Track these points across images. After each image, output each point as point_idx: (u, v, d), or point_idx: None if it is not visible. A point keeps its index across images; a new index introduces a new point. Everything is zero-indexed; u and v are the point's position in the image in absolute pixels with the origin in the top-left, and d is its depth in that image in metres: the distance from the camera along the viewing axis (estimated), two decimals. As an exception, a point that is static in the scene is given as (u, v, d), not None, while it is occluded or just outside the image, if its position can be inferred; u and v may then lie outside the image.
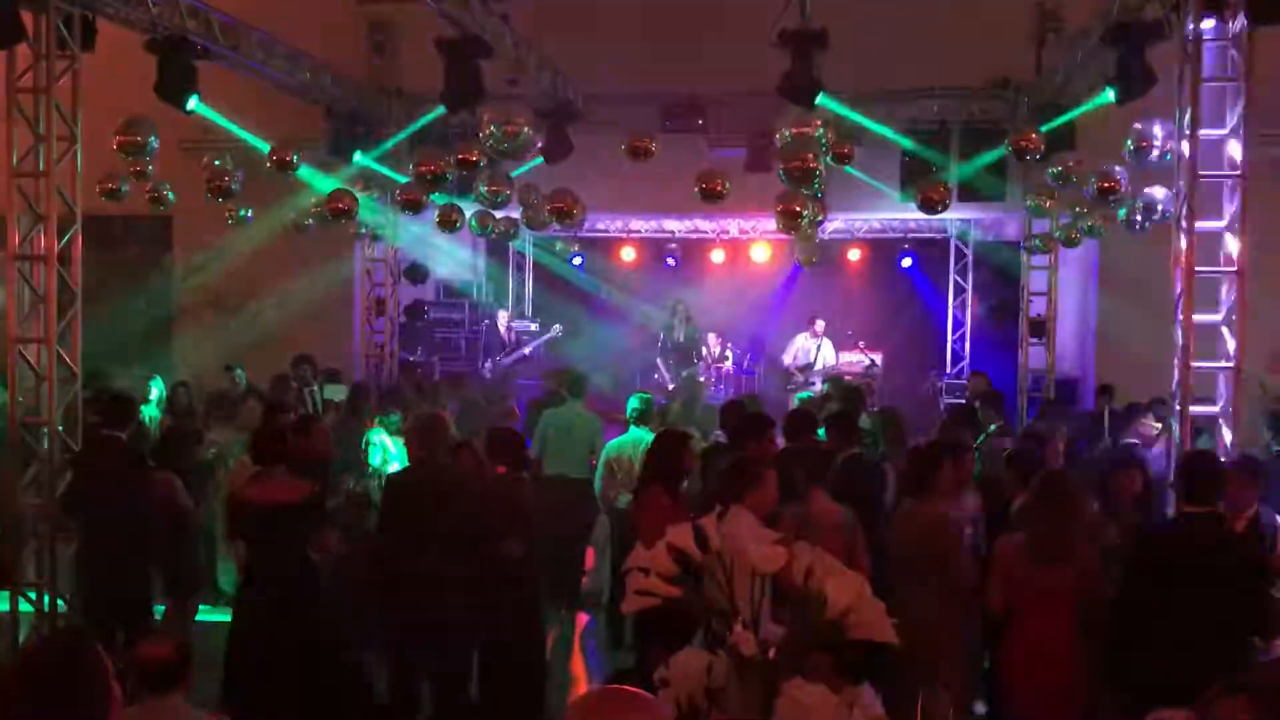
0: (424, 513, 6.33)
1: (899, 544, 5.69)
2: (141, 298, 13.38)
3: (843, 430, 7.27)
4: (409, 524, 6.37)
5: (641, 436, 8.47)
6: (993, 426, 8.86)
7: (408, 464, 7.02)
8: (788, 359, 14.53)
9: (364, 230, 13.31)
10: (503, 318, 15.39)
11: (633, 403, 9.13)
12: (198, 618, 7.98)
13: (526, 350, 14.94)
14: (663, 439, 6.70)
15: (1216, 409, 7.07)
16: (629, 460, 8.48)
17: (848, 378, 12.85)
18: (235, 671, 6.10)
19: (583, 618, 9.73)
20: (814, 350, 14.40)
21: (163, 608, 7.76)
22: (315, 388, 11.30)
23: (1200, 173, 6.90)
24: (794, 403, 11.66)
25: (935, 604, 5.37)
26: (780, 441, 6.95)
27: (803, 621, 3.06)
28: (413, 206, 10.91)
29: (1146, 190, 10.17)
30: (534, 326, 15.84)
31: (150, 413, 10.16)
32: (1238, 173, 6.93)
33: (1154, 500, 6.63)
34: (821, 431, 7.38)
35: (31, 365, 7.66)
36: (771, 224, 12.99)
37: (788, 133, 9.47)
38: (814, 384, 13.52)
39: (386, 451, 8.76)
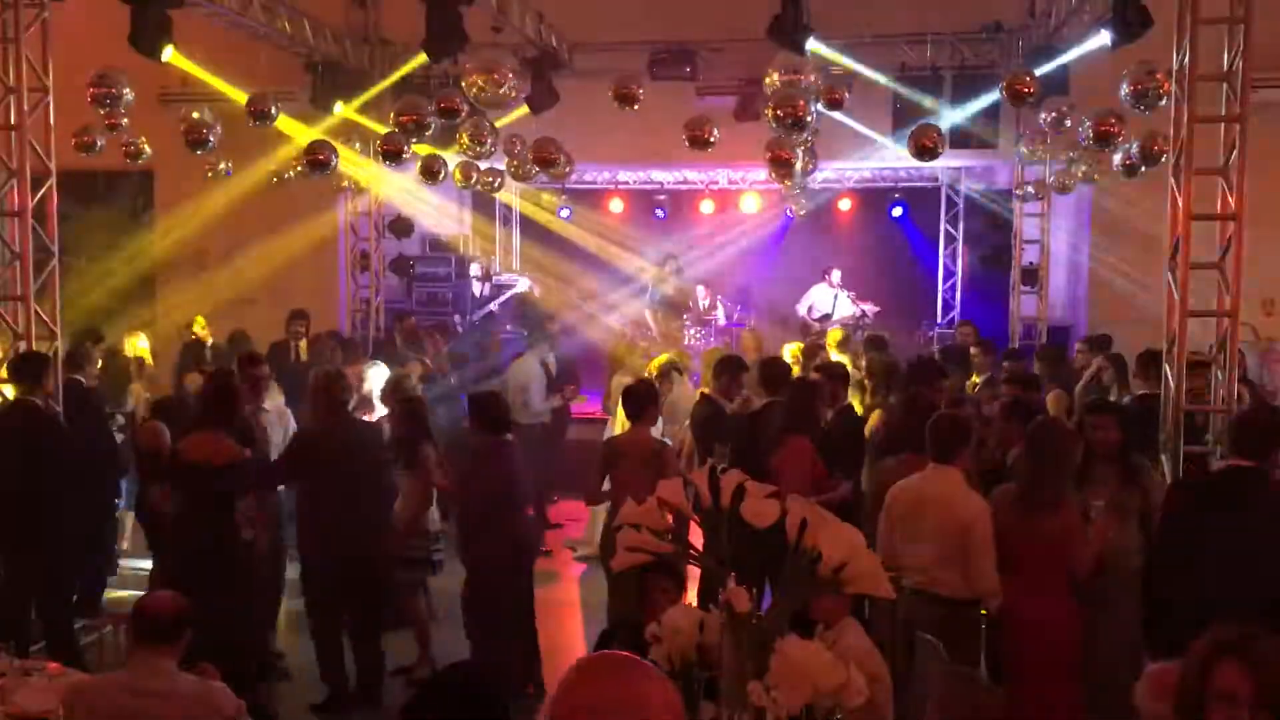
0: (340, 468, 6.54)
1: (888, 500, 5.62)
2: (122, 253, 13.20)
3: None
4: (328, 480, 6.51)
5: None
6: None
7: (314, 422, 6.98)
8: (802, 309, 14.46)
9: (347, 183, 13.13)
10: (476, 271, 15.23)
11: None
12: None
13: (494, 306, 14.83)
14: (795, 390, 6.87)
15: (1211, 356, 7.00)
16: None
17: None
18: None
19: (577, 568, 9.77)
20: (831, 302, 14.34)
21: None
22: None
23: (1198, 117, 6.77)
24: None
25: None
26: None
27: (798, 576, 3.00)
28: (394, 157, 10.72)
29: (1142, 135, 10.03)
30: (520, 280, 15.71)
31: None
32: (1236, 117, 6.79)
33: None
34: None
35: (10, 324, 7.53)
36: (761, 174, 12.85)
37: (777, 79, 9.28)
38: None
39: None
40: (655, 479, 3.02)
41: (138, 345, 10.80)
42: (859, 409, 8.02)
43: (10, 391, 7.19)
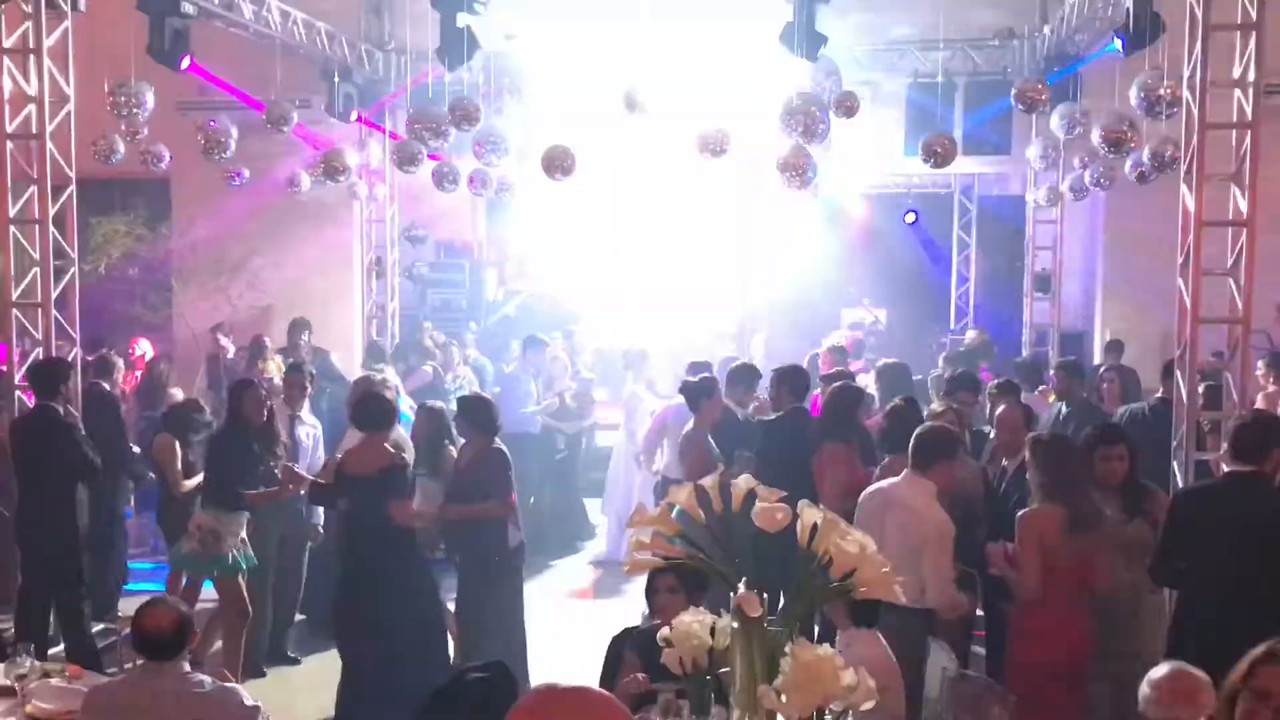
0: None
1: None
2: (140, 260, 13.28)
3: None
4: None
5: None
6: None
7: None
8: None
9: (362, 190, 13.19)
10: (490, 277, 15.29)
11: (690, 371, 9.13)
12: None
13: (508, 310, 14.90)
14: (835, 396, 7.03)
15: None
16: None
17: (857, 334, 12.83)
18: None
19: (591, 574, 9.80)
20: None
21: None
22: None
23: (1209, 123, 6.77)
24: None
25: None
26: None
27: (809, 581, 3.03)
28: (409, 163, 10.81)
29: (1154, 141, 10.02)
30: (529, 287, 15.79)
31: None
32: (1248, 123, 6.79)
33: None
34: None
35: (30, 330, 7.62)
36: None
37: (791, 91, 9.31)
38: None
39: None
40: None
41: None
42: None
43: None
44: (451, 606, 6.79)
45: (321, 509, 7.54)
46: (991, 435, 7.02)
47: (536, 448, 10.29)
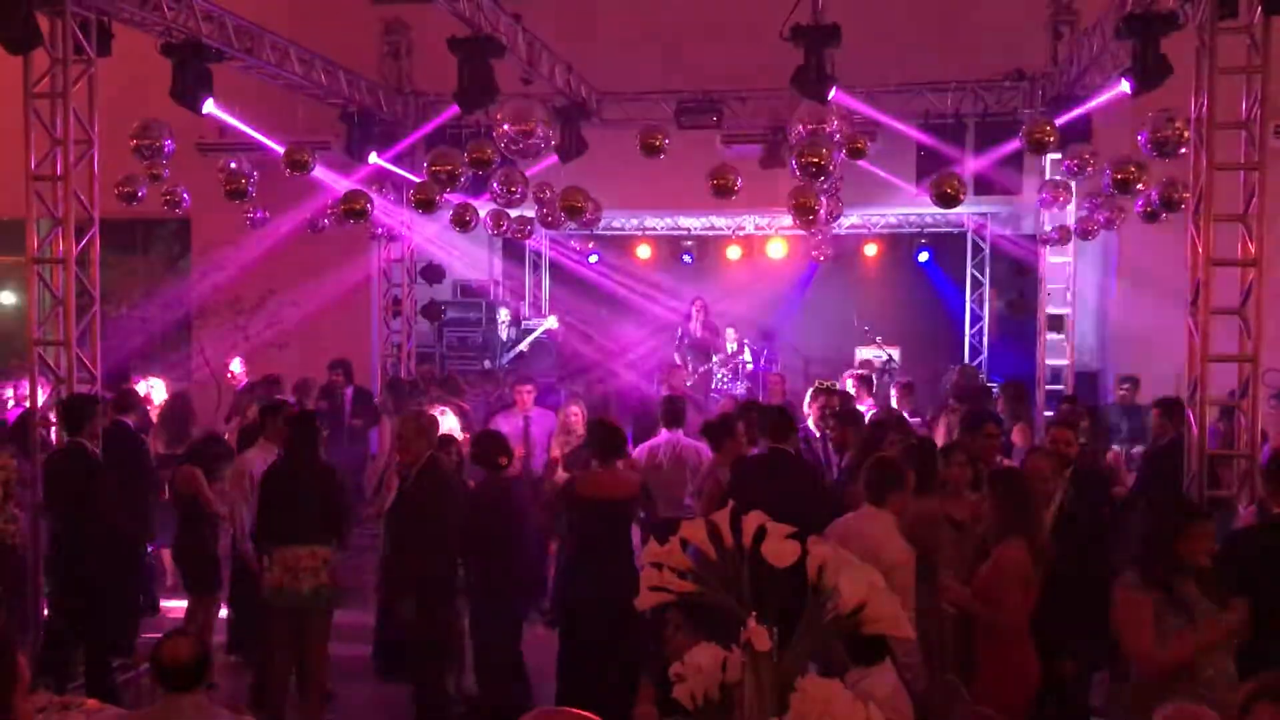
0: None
1: None
2: (160, 300, 13.45)
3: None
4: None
5: (674, 441, 8.40)
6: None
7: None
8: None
9: (380, 231, 13.36)
10: (505, 316, 15.42)
11: (664, 404, 9.06)
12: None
13: (523, 347, 15.02)
14: (869, 433, 7.38)
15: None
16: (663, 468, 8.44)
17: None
18: None
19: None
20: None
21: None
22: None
23: (1216, 164, 6.85)
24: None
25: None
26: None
27: (817, 616, 3.07)
28: (427, 206, 10.94)
29: (1162, 182, 10.10)
30: (544, 322, 15.93)
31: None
32: (1254, 164, 6.87)
33: None
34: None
35: (51, 368, 7.73)
36: (788, 220, 12.99)
37: (801, 128, 9.43)
38: None
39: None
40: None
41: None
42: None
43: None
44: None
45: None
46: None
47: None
